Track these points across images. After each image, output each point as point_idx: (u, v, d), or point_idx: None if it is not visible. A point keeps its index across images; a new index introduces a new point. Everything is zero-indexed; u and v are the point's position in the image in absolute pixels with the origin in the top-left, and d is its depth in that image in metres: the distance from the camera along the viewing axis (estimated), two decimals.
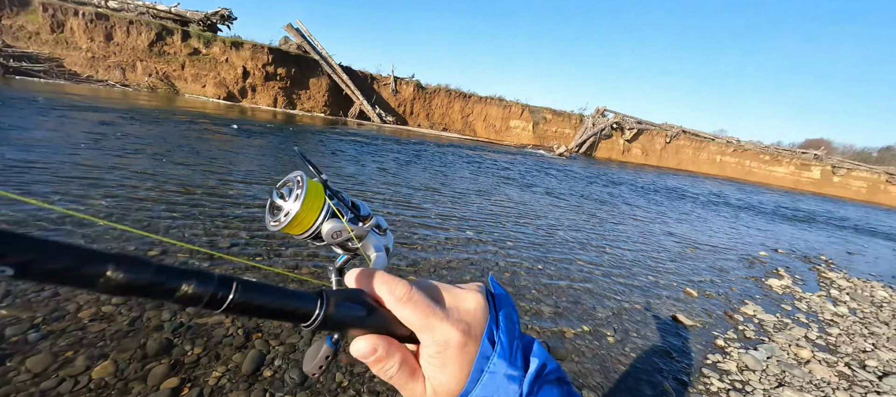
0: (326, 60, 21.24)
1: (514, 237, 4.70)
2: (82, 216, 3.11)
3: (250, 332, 2.14)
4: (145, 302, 2.22)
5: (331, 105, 22.07)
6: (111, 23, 17.52)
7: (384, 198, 5.43)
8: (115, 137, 6.10)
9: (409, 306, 0.33)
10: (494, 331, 0.35)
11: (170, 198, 3.85)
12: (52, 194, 3.44)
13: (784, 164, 31.56)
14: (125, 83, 17.27)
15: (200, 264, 2.72)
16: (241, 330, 2.14)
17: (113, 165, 4.55)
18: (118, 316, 2.10)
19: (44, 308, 2.05)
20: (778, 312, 3.81)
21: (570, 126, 28.55)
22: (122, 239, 2.86)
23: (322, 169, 0.42)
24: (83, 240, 2.79)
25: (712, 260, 5.37)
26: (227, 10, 19.63)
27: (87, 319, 2.04)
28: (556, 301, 3.20)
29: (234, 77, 19.15)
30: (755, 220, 9.89)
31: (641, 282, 3.99)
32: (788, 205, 15.76)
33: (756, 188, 22.69)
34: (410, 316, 0.33)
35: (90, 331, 1.95)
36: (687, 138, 30.16)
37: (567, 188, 9.59)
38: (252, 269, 2.72)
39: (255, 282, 0.28)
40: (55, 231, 2.81)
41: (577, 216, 6.56)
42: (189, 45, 18.59)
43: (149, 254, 2.76)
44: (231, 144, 7.45)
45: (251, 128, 10.24)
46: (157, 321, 2.11)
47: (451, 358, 0.33)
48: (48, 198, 3.32)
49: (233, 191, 4.44)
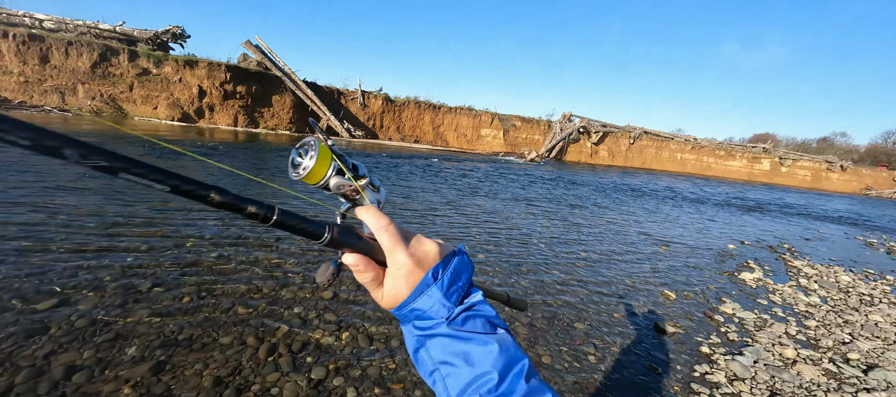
0: (289, 76, 20.56)
1: (484, 248, 4.44)
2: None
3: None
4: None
5: (296, 122, 21.32)
6: (47, 44, 16.14)
7: None
8: None
9: (385, 233, 0.46)
10: (440, 271, 0.47)
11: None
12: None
13: (737, 158, 33.59)
14: (64, 108, 15.86)
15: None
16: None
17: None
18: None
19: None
20: (755, 308, 3.73)
21: (540, 132, 29.11)
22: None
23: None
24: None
25: (685, 257, 5.33)
26: (180, 28, 18.64)
27: None
28: (530, 318, 2.93)
29: (188, 97, 18.08)
30: (719, 213, 10.20)
31: (618, 288, 3.81)
32: (744, 196, 16.58)
33: (715, 182, 23.88)
34: (384, 241, 0.46)
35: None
36: (649, 138, 31.51)
37: (537, 193, 9.51)
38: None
39: (289, 210, 0.40)
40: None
41: (550, 222, 6.41)
42: (137, 66, 17.42)
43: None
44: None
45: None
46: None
47: (402, 276, 0.46)
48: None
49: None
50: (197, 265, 3.05)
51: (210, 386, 1.83)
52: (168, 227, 3.76)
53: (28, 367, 1.82)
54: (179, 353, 2.03)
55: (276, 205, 0.39)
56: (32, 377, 1.76)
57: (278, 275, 3.07)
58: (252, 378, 1.92)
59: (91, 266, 2.80)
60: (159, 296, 2.53)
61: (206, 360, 2.00)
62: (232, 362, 2.01)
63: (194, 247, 3.39)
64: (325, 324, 2.46)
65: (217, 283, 2.80)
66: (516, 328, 2.75)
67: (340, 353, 2.20)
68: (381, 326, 2.53)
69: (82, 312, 2.26)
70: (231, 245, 3.54)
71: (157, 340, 2.10)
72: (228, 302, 2.58)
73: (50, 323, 2.14)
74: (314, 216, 0.43)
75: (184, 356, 2.02)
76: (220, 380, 1.88)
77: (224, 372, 1.93)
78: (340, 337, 2.36)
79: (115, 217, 3.85)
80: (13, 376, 1.75)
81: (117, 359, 1.93)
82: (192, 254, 3.25)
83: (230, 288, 2.76)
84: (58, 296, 2.39)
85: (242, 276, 2.96)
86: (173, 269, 2.92)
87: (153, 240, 3.40)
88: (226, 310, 2.48)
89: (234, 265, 3.14)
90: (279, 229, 0.40)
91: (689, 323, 3.26)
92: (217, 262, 3.14)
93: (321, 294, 2.85)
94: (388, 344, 2.36)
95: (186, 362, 1.97)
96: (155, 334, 2.16)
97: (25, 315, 2.18)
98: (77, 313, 2.25)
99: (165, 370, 1.90)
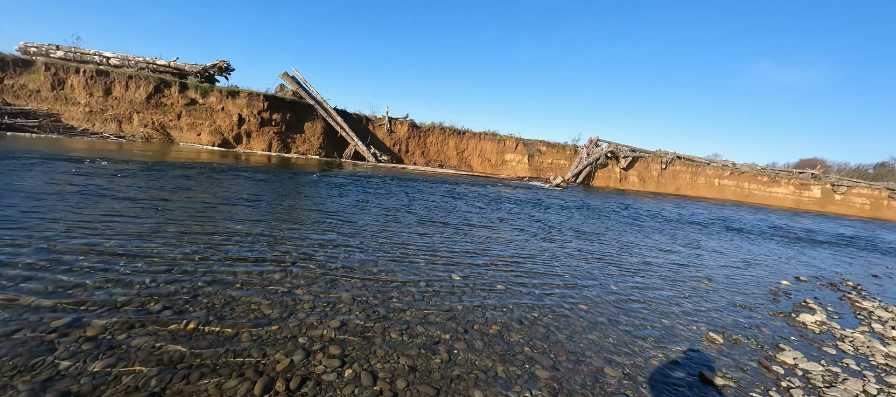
0: (321, 105, 21.58)
1: (505, 279, 4.17)
2: None
3: None
4: None
5: (326, 147, 22.15)
6: (111, 79, 17.95)
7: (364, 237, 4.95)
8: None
9: None
10: None
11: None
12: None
13: (783, 185, 31.25)
14: (120, 135, 17.35)
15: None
16: None
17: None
18: None
19: None
20: (823, 358, 3.21)
21: (565, 157, 28.57)
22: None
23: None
24: None
25: (731, 294, 4.79)
26: (225, 62, 20.20)
27: None
28: (553, 360, 2.64)
29: (229, 124, 19.32)
30: (767, 244, 9.31)
31: (655, 330, 3.41)
32: (794, 225, 15.16)
33: (758, 210, 22.14)
34: None
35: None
36: (682, 164, 30.09)
37: (561, 220, 9.11)
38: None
39: None
40: None
41: (576, 251, 6.04)
42: (186, 96, 18.94)
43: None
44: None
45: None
46: None
47: None
48: None
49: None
50: (212, 285, 3.02)
51: None
52: (189, 247, 3.81)
53: (26, 391, 1.77)
54: (174, 385, 1.93)
55: None
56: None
57: (288, 301, 2.97)
58: None
59: (107, 283, 2.83)
60: (167, 321, 2.49)
61: (201, 394, 1.89)
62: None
63: (214, 266, 3.38)
64: (328, 359, 2.31)
65: (226, 307, 2.74)
66: (537, 372, 2.47)
67: (340, 392, 2.02)
68: (387, 363, 2.34)
69: (91, 336, 2.24)
70: (246, 267, 3.51)
71: (155, 371, 2.02)
72: (233, 329, 2.49)
73: (59, 344, 2.12)
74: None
75: (180, 387, 1.91)
76: None
77: None
78: (343, 374, 2.19)
79: (136, 236, 3.96)
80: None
81: (112, 388, 1.86)
82: (210, 273, 3.24)
83: (238, 313, 2.69)
84: (70, 314, 2.40)
85: (252, 301, 2.89)
86: (189, 290, 2.90)
87: (174, 260, 3.44)
88: (230, 338, 2.39)
89: (247, 289, 3.08)
90: None
91: (742, 373, 2.83)
92: (230, 285, 3.10)
93: (329, 322, 2.72)
94: (394, 384, 2.15)
95: (181, 393, 1.87)
96: (154, 361, 2.08)
97: (38, 335, 2.18)
98: (85, 336, 2.23)
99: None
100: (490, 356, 2.58)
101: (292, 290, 3.18)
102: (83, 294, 2.69)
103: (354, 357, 2.36)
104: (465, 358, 2.52)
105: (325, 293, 3.20)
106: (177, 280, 3.08)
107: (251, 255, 3.85)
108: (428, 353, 2.51)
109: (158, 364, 2.07)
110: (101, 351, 2.11)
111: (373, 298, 3.23)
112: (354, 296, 3.21)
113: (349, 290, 3.32)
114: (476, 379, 2.30)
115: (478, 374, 2.35)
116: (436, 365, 2.40)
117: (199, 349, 2.24)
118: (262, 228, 4.91)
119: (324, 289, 3.27)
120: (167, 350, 2.19)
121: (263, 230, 4.83)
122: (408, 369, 2.31)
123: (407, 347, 2.55)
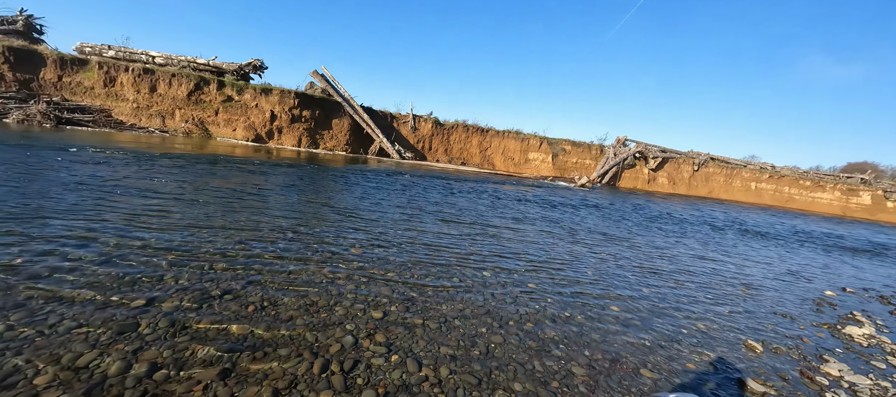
0: (348, 102, 22.11)
1: (536, 278, 4.23)
2: None
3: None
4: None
5: (352, 143, 22.70)
6: (156, 76, 19.11)
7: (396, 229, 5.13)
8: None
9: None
10: None
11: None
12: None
13: (828, 190, 29.27)
14: (164, 129, 18.47)
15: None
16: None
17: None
18: (75, 382, 1.82)
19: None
20: (871, 372, 3.09)
21: (591, 157, 27.95)
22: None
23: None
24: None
25: (771, 303, 4.64)
26: (259, 61, 21.04)
27: (42, 386, 1.77)
28: (589, 358, 2.70)
29: (262, 120, 20.15)
30: (808, 253, 8.84)
31: (690, 335, 3.39)
32: (841, 233, 14.23)
33: (799, 216, 20.89)
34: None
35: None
36: (716, 165, 28.76)
37: (588, 221, 9.00)
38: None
39: None
40: None
41: (606, 253, 5.99)
42: (223, 93, 19.90)
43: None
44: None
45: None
46: (117, 390, 1.81)
47: None
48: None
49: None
50: (262, 275, 3.26)
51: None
52: (238, 245, 4.10)
53: (120, 360, 2.02)
54: (243, 360, 2.14)
55: None
56: (122, 370, 1.95)
57: (333, 291, 3.17)
58: (307, 393, 1.96)
59: (173, 272, 3.12)
60: (228, 304, 2.73)
61: (266, 371, 2.08)
62: (289, 375, 2.07)
63: (262, 260, 3.64)
64: (375, 345, 2.47)
65: (279, 295, 2.96)
66: (573, 369, 2.54)
67: (389, 377, 2.18)
68: (429, 352, 2.48)
69: (165, 312, 2.50)
70: (294, 259, 3.75)
71: (224, 345, 2.25)
72: (287, 314, 2.70)
73: (142, 319, 2.39)
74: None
75: (247, 363, 2.12)
76: (279, 393, 1.93)
77: (282, 384, 2.00)
78: (390, 359, 2.34)
79: (194, 230, 4.29)
80: (110, 364, 1.97)
81: (191, 361, 2.09)
82: (259, 265, 3.49)
83: (290, 300, 2.90)
84: (145, 296, 2.68)
85: (301, 290, 3.11)
86: (242, 280, 3.15)
87: (227, 251, 3.72)
88: (285, 321, 2.60)
89: (295, 279, 3.31)
90: None
91: (782, 382, 2.78)
92: (280, 274, 3.34)
93: (372, 313, 2.89)
94: (438, 371, 2.29)
95: (249, 370, 2.07)
96: (223, 339, 2.31)
97: (121, 310, 2.46)
98: (161, 313, 2.49)
99: (231, 376, 2.01)
100: (526, 350, 2.67)
101: (335, 281, 3.38)
102: (151, 279, 2.98)
103: (399, 345, 2.51)
104: (502, 351, 2.62)
105: (365, 285, 3.39)
106: (230, 268, 3.34)
107: (293, 248, 4.10)
108: (467, 345, 2.63)
109: (227, 341, 2.29)
110: (176, 330, 2.36)
111: (410, 292, 3.38)
112: (393, 289, 3.37)
113: (387, 284, 3.48)
114: (515, 371, 2.40)
115: (516, 367, 2.45)
116: (475, 355, 2.51)
117: (260, 331, 2.45)
118: (299, 222, 5.18)
119: (364, 282, 3.45)
120: (232, 330, 2.42)
121: (300, 224, 5.10)
122: (449, 358, 2.44)
123: (446, 338, 2.68)
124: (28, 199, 4.43)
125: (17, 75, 17.02)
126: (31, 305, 2.39)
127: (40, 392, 1.76)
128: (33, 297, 2.48)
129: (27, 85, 17.21)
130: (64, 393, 1.76)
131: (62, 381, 1.83)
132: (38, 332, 2.15)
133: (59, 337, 2.13)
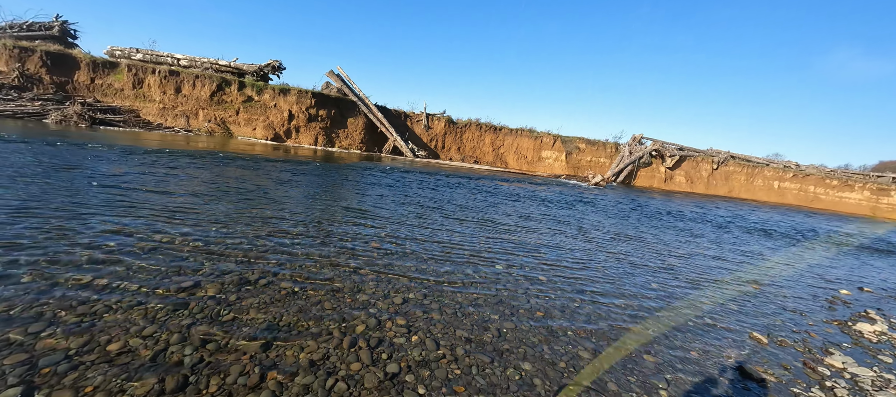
0: (363, 101, 22.53)
1: (548, 269, 4.41)
2: None
3: (266, 372, 2.07)
4: (169, 335, 2.26)
5: (366, 142, 23.13)
6: (181, 78, 19.92)
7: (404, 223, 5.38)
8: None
9: None
10: None
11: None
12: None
13: (857, 190, 28.14)
14: (188, 129, 19.26)
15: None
16: (257, 368, 2.08)
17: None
18: (142, 350, 2.12)
19: (77, 339, 2.12)
20: (875, 365, 3.16)
21: (606, 155, 27.66)
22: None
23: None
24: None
25: (781, 300, 4.69)
26: (278, 62, 21.65)
27: (114, 352, 2.07)
28: (595, 345, 2.87)
29: (280, 120, 20.76)
30: (829, 252, 8.68)
31: (696, 325, 3.51)
32: (868, 234, 13.79)
33: (823, 216, 20.23)
34: None
35: (115, 364, 1.98)
36: (737, 164, 28.04)
37: (598, 219, 9.06)
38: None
39: None
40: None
41: (616, 249, 6.10)
42: (244, 94, 20.59)
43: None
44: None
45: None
46: (178, 357, 2.10)
47: None
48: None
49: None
50: (291, 264, 3.55)
51: (307, 366, 2.15)
52: (266, 238, 4.42)
53: (177, 333, 2.32)
54: (281, 335, 2.41)
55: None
56: (180, 341, 2.24)
57: (355, 278, 3.43)
58: (339, 364, 2.21)
59: (212, 261, 3.44)
60: (264, 288, 3.02)
61: (302, 345, 2.35)
62: (322, 349, 2.33)
63: (289, 251, 3.94)
64: (396, 327, 2.71)
65: (307, 280, 3.24)
66: (579, 352, 2.72)
67: (410, 354, 2.41)
68: (446, 334, 2.70)
69: (210, 295, 2.80)
70: (318, 251, 4.04)
71: (264, 323, 2.52)
72: (316, 298, 2.97)
73: (190, 300, 2.70)
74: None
75: (285, 338, 2.39)
76: (314, 362, 2.19)
77: (317, 355, 2.26)
78: (410, 339, 2.58)
79: (225, 224, 4.63)
80: (169, 336, 2.26)
81: (237, 335, 2.37)
82: (288, 254, 3.78)
83: (317, 287, 3.18)
84: (192, 279, 3.00)
85: (327, 275, 3.38)
86: (273, 268, 3.44)
87: (257, 243, 4.04)
88: (315, 304, 2.87)
89: (321, 268, 3.58)
90: None
91: (784, 372, 2.89)
92: (306, 264, 3.62)
93: (393, 298, 3.13)
94: (454, 351, 2.51)
95: (287, 343, 2.34)
96: (262, 318, 2.59)
97: (173, 293, 2.77)
98: (207, 295, 2.79)
99: (272, 348, 2.28)
100: (536, 335, 2.87)
101: (357, 271, 3.64)
102: (193, 269, 3.30)
103: (418, 327, 2.74)
104: (513, 336, 2.82)
105: (385, 275, 3.64)
106: (261, 258, 3.64)
107: (316, 241, 4.39)
108: (480, 329, 2.84)
109: (265, 319, 2.57)
110: (221, 307, 2.65)
111: (427, 280, 3.61)
112: (410, 279, 3.61)
113: (405, 274, 3.73)
114: (524, 353, 2.60)
115: (526, 350, 2.65)
116: (488, 339, 2.73)
117: (294, 312, 2.72)
118: (321, 217, 5.49)
119: (383, 272, 3.70)
120: (270, 309, 2.70)
121: (321, 218, 5.40)
122: (464, 340, 2.66)
123: (461, 323, 2.90)
124: (85, 198, 4.86)
125: (54, 78, 18.05)
126: (95, 285, 2.73)
127: (113, 357, 2.06)
128: (93, 282, 2.81)
129: (62, 87, 18.23)
130: (133, 359, 2.06)
131: (131, 348, 2.13)
132: (106, 308, 2.47)
133: (123, 313, 2.44)
